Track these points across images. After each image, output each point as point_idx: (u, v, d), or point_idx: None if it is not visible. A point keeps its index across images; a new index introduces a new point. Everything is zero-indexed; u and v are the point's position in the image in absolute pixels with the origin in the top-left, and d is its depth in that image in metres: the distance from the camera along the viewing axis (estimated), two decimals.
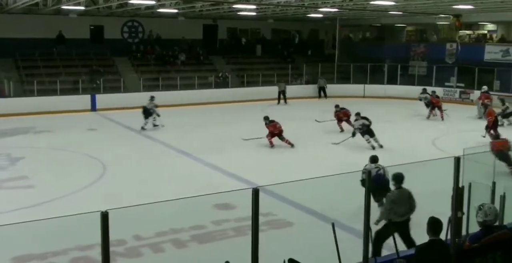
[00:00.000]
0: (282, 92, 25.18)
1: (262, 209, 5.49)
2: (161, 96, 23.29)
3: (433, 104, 19.85)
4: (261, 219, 5.58)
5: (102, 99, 22.31)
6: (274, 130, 14.77)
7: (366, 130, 14.51)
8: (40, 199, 9.82)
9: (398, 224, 6.75)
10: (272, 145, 14.70)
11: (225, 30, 30.04)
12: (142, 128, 17.14)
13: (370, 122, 14.66)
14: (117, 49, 25.98)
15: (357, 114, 15.04)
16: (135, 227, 7.82)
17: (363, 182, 7.76)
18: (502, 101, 18.72)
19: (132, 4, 21.15)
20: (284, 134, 14.85)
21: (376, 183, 7.98)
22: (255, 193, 5.41)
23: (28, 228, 6.80)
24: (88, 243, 7.10)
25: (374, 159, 9.34)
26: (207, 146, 14.75)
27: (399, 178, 6.94)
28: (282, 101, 25.01)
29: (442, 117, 19.46)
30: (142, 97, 22.90)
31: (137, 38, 27.67)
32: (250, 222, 5.72)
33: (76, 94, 22.32)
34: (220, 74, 26.49)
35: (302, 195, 8.91)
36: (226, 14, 25.86)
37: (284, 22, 30.66)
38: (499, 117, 17.07)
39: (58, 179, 11.34)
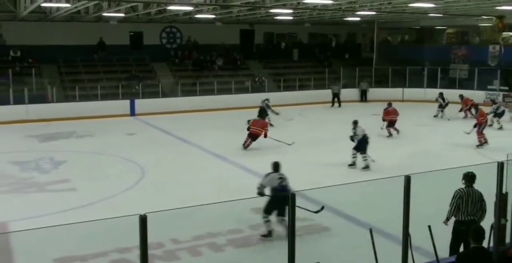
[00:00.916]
0: (336, 95, 25.21)
1: (298, 213, 5.48)
2: (198, 101, 23.70)
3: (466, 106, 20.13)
4: (298, 223, 5.56)
5: (141, 104, 22.70)
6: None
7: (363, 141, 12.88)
8: (81, 201, 10.05)
9: (464, 223, 6.47)
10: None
11: (262, 34, 30.17)
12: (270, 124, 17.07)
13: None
14: (156, 54, 26.44)
15: (355, 122, 13.30)
16: (173, 231, 7.90)
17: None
18: (493, 102, 19.22)
19: (171, 11, 21.45)
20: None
21: (278, 196, 7.81)
22: (292, 197, 5.40)
23: (69, 230, 7.00)
24: (127, 245, 7.22)
25: (276, 167, 8.48)
26: (241, 150, 14.79)
27: (469, 177, 6.63)
28: (336, 104, 25.20)
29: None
30: (180, 102, 23.37)
31: (175, 43, 28.08)
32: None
33: (116, 100, 22.77)
34: (256, 79, 26.58)
35: (339, 199, 8.82)
36: (263, 18, 25.93)
37: (321, 26, 30.53)
38: (490, 117, 17.52)
39: (99, 182, 11.58)
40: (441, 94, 21.24)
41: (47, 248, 7.13)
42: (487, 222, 6.05)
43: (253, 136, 15.05)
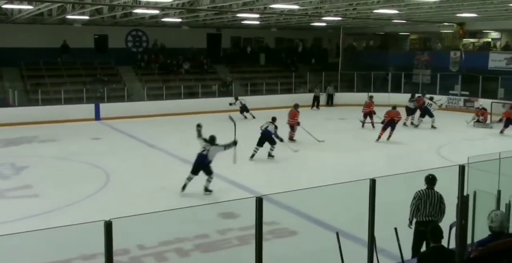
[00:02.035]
0: (317, 98, 25.95)
1: (266, 217, 5.48)
2: (165, 105, 23.49)
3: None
4: (265, 228, 5.55)
5: (106, 108, 22.37)
6: None
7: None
8: (44, 208, 9.81)
9: (423, 224, 6.63)
10: None
11: (229, 39, 30.19)
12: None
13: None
14: (121, 58, 26.14)
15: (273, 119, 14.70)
16: (139, 237, 7.79)
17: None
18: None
19: (136, 14, 21.25)
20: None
21: (196, 159, 10.93)
22: (259, 201, 5.39)
23: (32, 238, 6.81)
24: (92, 252, 7.08)
25: (211, 139, 11.00)
26: None
27: (430, 180, 6.83)
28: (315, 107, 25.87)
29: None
30: (146, 106, 23.13)
31: (141, 47, 27.82)
32: (254, 231, 5.72)
33: (80, 103, 22.39)
34: (228, 78, 26.66)
35: (306, 203, 8.88)
36: (230, 23, 25.97)
37: (288, 30, 30.79)
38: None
39: (63, 188, 11.33)
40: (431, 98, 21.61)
41: (8, 256, 6.93)
42: (446, 223, 6.20)
43: (292, 127, 16.46)
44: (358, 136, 18.00)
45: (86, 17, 21.60)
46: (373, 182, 5.92)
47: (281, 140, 14.62)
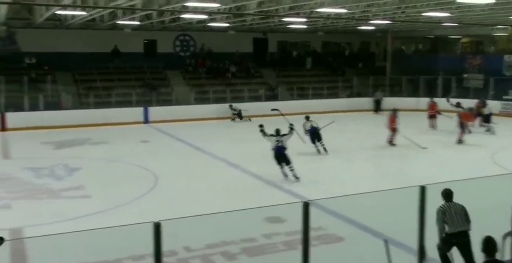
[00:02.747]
0: (378, 102, 25.38)
1: (312, 223, 5.44)
2: (212, 108, 23.75)
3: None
4: (312, 233, 5.52)
5: (155, 111, 22.82)
6: None
7: (314, 133, 15.27)
8: (95, 208, 10.07)
9: (454, 236, 6.50)
10: None
11: (275, 43, 30.24)
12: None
13: (318, 126, 15.36)
14: (169, 62, 26.62)
15: (306, 117, 15.71)
16: (186, 239, 7.89)
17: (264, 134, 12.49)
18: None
19: (184, 19, 21.62)
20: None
21: (277, 152, 12.13)
22: (305, 206, 5.36)
23: (84, 237, 7.02)
24: (141, 253, 7.21)
25: (277, 132, 12.41)
26: (254, 158, 14.75)
27: (448, 194, 6.73)
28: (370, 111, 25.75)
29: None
30: (193, 110, 23.44)
31: (189, 51, 28.25)
32: (300, 236, 5.68)
33: (130, 107, 22.92)
34: (274, 85, 26.71)
35: (354, 209, 8.77)
36: (276, 27, 26.02)
37: (334, 34, 30.56)
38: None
39: (113, 190, 11.61)
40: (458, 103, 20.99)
41: (61, 254, 7.14)
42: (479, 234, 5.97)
43: (392, 131, 16.43)
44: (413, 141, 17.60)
45: (136, 23, 22.15)
46: (422, 189, 5.79)
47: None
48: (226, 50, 27.92)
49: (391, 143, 16.51)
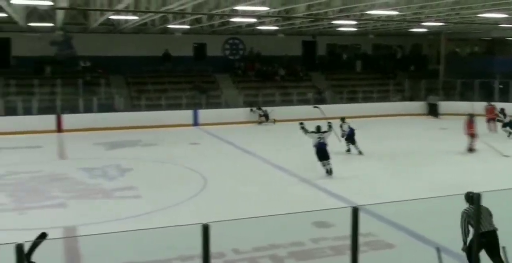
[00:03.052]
0: (434, 106, 25.01)
1: (361, 228, 5.33)
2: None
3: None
4: (361, 239, 5.41)
5: (204, 114, 23.08)
6: None
7: (352, 135, 15.71)
8: (146, 209, 10.26)
9: (483, 235, 6.37)
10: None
11: (324, 46, 30.03)
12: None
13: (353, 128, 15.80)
14: (218, 66, 26.89)
15: (342, 119, 16.18)
16: (234, 241, 7.90)
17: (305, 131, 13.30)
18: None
19: (234, 22, 21.79)
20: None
21: (319, 148, 12.87)
22: (354, 212, 5.26)
23: (134, 236, 7.15)
24: (190, 254, 7.28)
25: (318, 129, 13.16)
26: (303, 163, 14.67)
27: (471, 197, 6.60)
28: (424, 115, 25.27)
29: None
30: (241, 113, 23.57)
31: (238, 55, 28.44)
32: (348, 242, 5.57)
33: (180, 109, 23.28)
34: (321, 89, 26.53)
35: (404, 215, 8.55)
36: (326, 30, 25.84)
37: (385, 37, 30.06)
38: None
39: (162, 191, 11.81)
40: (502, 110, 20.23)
41: (112, 253, 7.30)
42: None
43: (473, 137, 15.95)
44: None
45: (186, 26, 22.50)
46: (478, 197, 5.58)
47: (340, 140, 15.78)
48: (274, 53, 27.95)
49: (471, 149, 15.89)
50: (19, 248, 4.26)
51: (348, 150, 15.91)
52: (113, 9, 15.79)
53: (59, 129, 20.93)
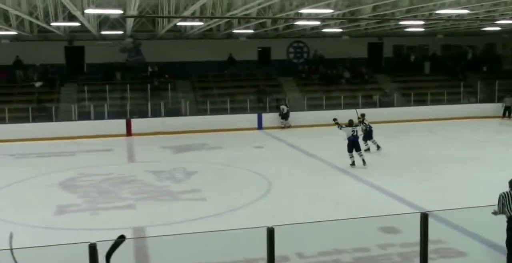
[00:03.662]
0: (508, 108, 24.14)
1: (430, 235, 5.15)
2: (325, 115, 23.55)
3: None
4: (430, 246, 5.23)
5: (268, 118, 23.16)
6: None
7: (370, 132, 16.14)
8: (210, 211, 10.40)
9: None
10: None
11: (391, 47, 29.38)
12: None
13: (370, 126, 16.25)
14: (282, 69, 26.91)
15: (362, 115, 16.45)
16: (298, 245, 7.85)
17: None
18: None
19: (298, 26, 21.75)
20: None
21: (352, 140, 14.14)
22: (424, 218, 5.09)
23: (201, 238, 7.26)
24: (255, 256, 7.29)
25: (350, 123, 14.37)
26: (369, 166, 14.41)
27: (510, 183, 7.17)
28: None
29: None
30: (306, 116, 23.46)
31: (302, 58, 28.37)
32: (417, 248, 5.40)
33: (244, 113, 23.49)
34: (386, 90, 25.97)
35: (476, 222, 8.18)
36: (392, 31, 25.26)
37: (456, 37, 29.01)
38: None
39: (228, 193, 11.94)
40: None
41: (179, 254, 7.43)
42: None
43: None
44: None
45: (251, 31, 22.70)
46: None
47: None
48: (339, 56, 27.64)
49: None
50: (92, 247, 4.42)
51: (368, 149, 16.11)
52: (180, 16, 16.19)
53: (129, 133, 21.66)
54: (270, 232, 4.91)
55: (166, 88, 24.58)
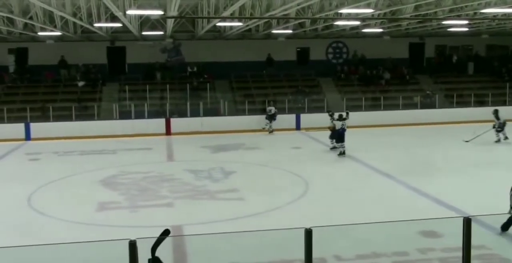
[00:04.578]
0: None
1: (473, 240, 5.00)
2: (364, 116, 23.30)
3: None
4: (473, 251, 5.08)
5: (306, 118, 23.03)
6: None
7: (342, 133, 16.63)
8: (248, 211, 10.41)
9: None
10: None
11: (433, 47, 28.78)
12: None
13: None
14: (321, 70, 26.74)
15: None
16: (336, 247, 7.77)
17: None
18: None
19: (338, 26, 21.57)
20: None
21: (341, 132, 16.31)
22: (467, 222, 4.95)
23: (238, 238, 7.28)
24: (292, 257, 7.26)
25: (340, 118, 16.66)
26: (409, 169, 14.15)
27: None
28: None
29: None
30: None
31: (341, 58, 28.12)
32: (458, 254, 5.25)
33: (282, 114, 23.41)
34: (427, 92, 25.46)
35: None
36: (434, 31, 24.75)
37: (501, 36, 28.18)
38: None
39: (265, 194, 11.92)
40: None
41: (216, 253, 7.48)
42: None
43: None
44: None
45: (290, 31, 22.64)
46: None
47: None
48: (379, 56, 27.27)
49: None
50: (132, 244, 4.48)
51: (334, 147, 17.03)
52: (219, 16, 16.30)
53: (168, 132, 21.94)
54: (308, 233, 4.86)
55: (205, 88, 24.78)
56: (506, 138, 17.94)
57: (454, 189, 11.88)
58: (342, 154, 16.14)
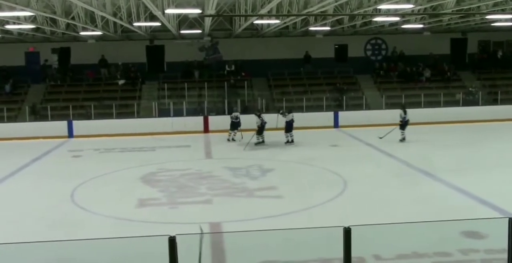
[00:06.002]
0: None
1: None
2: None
3: None
4: None
5: (344, 116, 22.81)
6: None
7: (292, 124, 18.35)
8: (286, 209, 10.39)
9: None
10: None
11: (476, 43, 28.03)
12: None
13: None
14: (360, 67, 26.43)
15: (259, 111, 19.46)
16: (375, 246, 7.66)
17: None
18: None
19: (376, 22, 21.26)
20: None
21: (291, 123, 18.19)
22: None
23: (275, 235, 7.26)
24: (330, 256, 7.20)
25: (289, 111, 18.66)
26: (451, 167, 13.83)
27: None
28: None
29: None
30: (383, 115, 22.86)
31: (380, 55, 27.73)
32: (503, 255, 5.10)
33: (320, 111, 23.28)
34: (470, 88, 24.83)
35: None
36: (478, 26, 24.11)
37: None
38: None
39: (303, 192, 11.89)
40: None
41: (253, 250, 7.48)
42: None
43: None
44: None
45: (327, 28, 22.46)
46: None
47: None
48: (419, 52, 26.76)
49: None
50: (171, 240, 4.54)
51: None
52: (256, 14, 16.30)
53: (206, 130, 22.11)
54: (347, 232, 4.82)
55: (242, 86, 24.87)
56: None
57: (499, 189, 11.53)
58: (291, 142, 18.20)
